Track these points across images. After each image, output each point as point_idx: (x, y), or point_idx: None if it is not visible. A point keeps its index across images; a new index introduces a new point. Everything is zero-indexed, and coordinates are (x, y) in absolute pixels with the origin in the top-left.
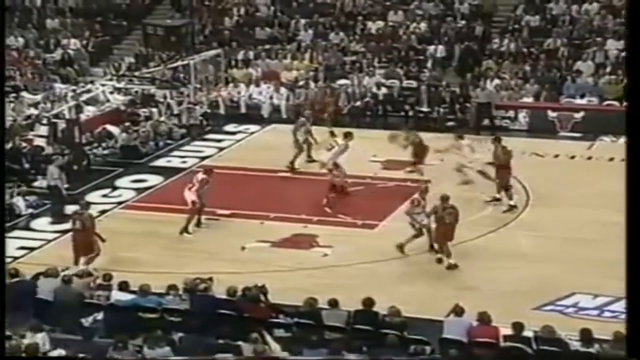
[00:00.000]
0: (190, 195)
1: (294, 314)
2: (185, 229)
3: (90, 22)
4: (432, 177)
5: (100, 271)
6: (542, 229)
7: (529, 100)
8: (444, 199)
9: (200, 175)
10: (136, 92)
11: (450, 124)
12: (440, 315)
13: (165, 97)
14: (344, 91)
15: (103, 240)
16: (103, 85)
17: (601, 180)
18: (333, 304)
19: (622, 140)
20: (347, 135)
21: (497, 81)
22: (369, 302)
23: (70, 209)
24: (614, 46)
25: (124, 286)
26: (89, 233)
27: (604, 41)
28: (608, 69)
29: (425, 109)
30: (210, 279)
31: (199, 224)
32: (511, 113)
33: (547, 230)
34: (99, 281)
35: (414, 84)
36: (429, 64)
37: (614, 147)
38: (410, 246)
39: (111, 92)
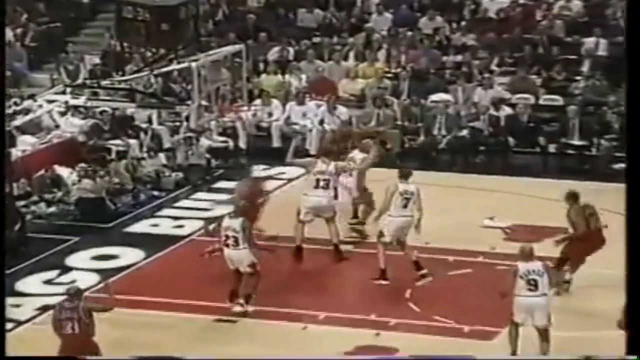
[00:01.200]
0: (237, 256)
1: None
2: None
3: None
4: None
5: None
6: None
7: None
8: None
9: (238, 220)
10: (103, 112)
11: (618, 166)
12: None
13: (150, 122)
14: (440, 112)
15: None
16: (50, 101)
17: None
18: None
19: None
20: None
21: None
22: None
23: None
24: None
25: None
26: (87, 338)
27: None
28: None
29: (576, 141)
30: None
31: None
32: None
33: None
34: None
35: (558, 100)
36: (584, 68)
37: None
38: None
39: (63, 113)
